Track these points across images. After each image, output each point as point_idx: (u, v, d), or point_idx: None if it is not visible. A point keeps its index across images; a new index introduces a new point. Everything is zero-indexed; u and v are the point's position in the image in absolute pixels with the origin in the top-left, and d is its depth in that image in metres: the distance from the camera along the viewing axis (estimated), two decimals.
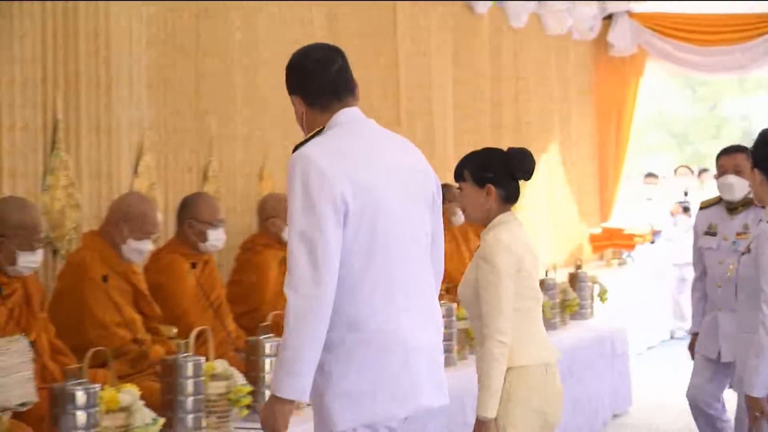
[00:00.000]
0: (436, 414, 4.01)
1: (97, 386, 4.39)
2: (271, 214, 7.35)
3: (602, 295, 9.73)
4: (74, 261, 5.85)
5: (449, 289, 7.96)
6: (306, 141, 3.91)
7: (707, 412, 6.83)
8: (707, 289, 6.84)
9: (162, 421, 4.64)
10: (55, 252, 6.31)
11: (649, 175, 16.81)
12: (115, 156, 6.84)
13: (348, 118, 3.96)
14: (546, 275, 9.10)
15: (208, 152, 7.69)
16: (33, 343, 4.82)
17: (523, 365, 4.65)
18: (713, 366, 6.78)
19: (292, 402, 3.72)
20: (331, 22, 9.10)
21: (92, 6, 6.58)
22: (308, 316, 3.65)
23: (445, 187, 9.11)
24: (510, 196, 4.76)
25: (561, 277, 9.42)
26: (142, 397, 4.60)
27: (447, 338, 7.28)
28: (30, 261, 5.10)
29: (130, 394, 4.54)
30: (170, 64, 7.30)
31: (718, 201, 6.86)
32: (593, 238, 14.58)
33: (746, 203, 6.68)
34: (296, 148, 3.88)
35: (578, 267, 9.73)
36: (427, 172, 4.09)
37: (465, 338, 7.55)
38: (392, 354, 3.80)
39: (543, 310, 8.56)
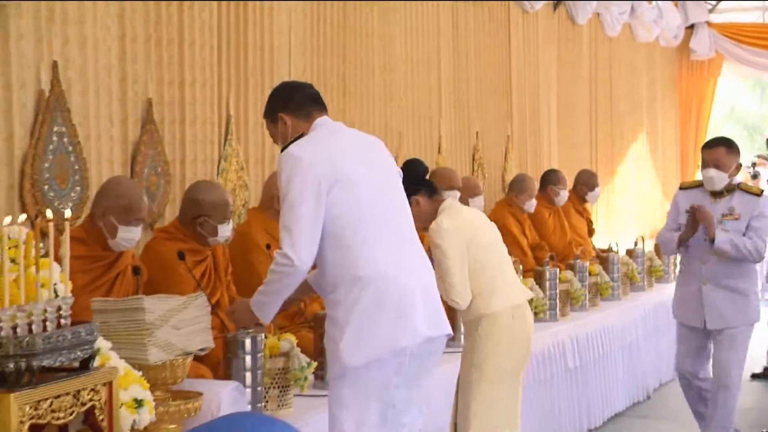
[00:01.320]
0: None
1: (262, 335, 4.44)
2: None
3: None
4: (242, 232, 5.89)
5: (552, 257, 7.88)
6: (291, 143, 4.06)
7: (694, 383, 6.46)
8: (688, 266, 6.41)
9: (314, 364, 4.67)
10: None
11: None
12: (277, 145, 6.87)
13: (325, 122, 4.15)
14: (635, 245, 8.99)
15: None
16: (216, 304, 4.90)
17: (492, 312, 4.85)
18: (698, 335, 6.39)
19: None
20: (455, 37, 9.08)
21: (258, 20, 6.64)
22: (282, 276, 3.85)
23: (552, 172, 9.02)
24: (430, 191, 5.03)
25: (648, 247, 9.28)
26: (299, 345, 4.64)
27: (551, 298, 7.22)
28: (227, 231, 5.20)
29: (288, 342, 4.58)
30: (320, 69, 7.32)
31: (700, 184, 6.38)
32: None
33: (730, 189, 6.24)
34: (283, 149, 4.03)
35: None
36: (392, 159, 4.23)
37: (566, 298, 7.46)
38: (390, 297, 3.87)
39: (631, 275, 8.55)
